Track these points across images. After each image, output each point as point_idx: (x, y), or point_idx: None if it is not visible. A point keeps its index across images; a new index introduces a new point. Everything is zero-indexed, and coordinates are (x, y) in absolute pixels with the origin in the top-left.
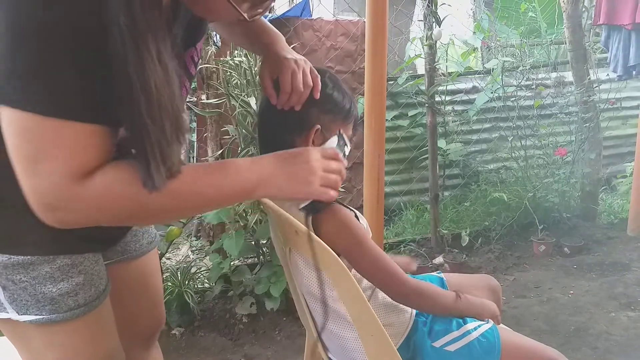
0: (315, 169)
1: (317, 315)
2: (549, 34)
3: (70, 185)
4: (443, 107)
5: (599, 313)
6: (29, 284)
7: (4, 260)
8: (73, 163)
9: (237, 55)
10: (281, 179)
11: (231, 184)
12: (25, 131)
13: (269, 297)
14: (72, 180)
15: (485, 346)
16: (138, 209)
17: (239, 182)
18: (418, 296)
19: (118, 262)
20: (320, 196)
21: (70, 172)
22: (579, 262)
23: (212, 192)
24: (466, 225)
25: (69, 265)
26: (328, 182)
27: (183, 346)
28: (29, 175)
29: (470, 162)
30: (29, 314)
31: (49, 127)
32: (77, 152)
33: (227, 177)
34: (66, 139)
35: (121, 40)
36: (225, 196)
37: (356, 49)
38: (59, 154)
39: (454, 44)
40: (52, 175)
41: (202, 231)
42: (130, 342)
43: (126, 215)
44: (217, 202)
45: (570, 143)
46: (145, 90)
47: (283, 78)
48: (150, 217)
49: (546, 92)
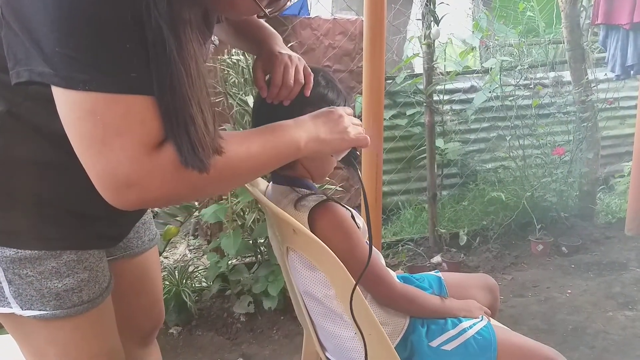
0: (347, 121)
1: (314, 314)
2: (547, 34)
3: (145, 156)
4: (441, 106)
5: (596, 312)
6: (35, 279)
7: (11, 254)
8: (144, 134)
9: (234, 54)
10: (324, 133)
11: (283, 142)
12: (90, 112)
13: (266, 296)
14: (147, 150)
15: (482, 343)
16: (205, 179)
17: (289, 138)
18: (405, 300)
19: (120, 258)
20: (359, 142)
21: (143, 143)
22: (576, 262)
23: (265, 153)
24: (464, 224)
25: (75, 261)
26: (359, 131)
27: (180, 345)
28: (99, 157)
29: (468, 161)
30: (33, 309)
31: (112, 102)
32: (146, 123)
33: (276, 136)
34: (133, 112)
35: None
36: (277, 154)
37: (354, 47)
38: (127, 128)
39: (452, 43)
40: (126, 150)
41: (200, 230)
42: (129, 339)
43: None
44: (270, 162)
45: (568, 142)
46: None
47: (274, 71)
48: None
49: (544, 92)
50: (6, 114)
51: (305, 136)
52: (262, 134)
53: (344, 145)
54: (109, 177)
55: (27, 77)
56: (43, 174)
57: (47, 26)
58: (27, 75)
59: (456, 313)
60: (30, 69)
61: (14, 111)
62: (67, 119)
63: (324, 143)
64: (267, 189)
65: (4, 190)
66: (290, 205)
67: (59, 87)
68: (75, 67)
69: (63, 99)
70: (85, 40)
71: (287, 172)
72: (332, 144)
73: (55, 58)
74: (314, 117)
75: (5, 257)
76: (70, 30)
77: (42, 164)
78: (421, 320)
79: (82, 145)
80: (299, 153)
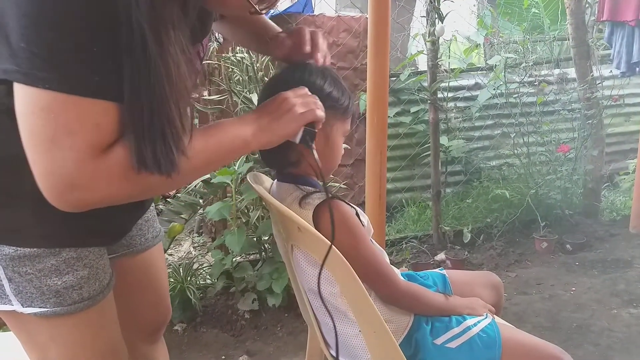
0: (293, 101)
1: (318, 311)
2: (552, 31)
3: (91, 159)
4: (445, 103)
5: (601, 310)
6: (34, 276)
7: (10, 252)
8: (93, 137)
9: (239, 52)
10: (268, 121)
11: (226, 139)
12: (44, 109)
13: (270, 293)
14: (93, 153)
15: (486, 341)
16: (155, 183)
17: (232, 136)
18: (409, 298)
19: (123, 255)
20: (307, 117)
21: (91, 146)
22: (581, 259)
23: (209, 152)
24: (468, 222)
25: (75, 258)
26: (308, 104)
27: (185, 342)
28: (46, 155)
29: (473, 158)
30: (33, 306)
31: (69, 103)
32: (97, 127)
33: (219, 135)
34: (86, 115)
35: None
36: (223, 152)
37: (358, 45)
38: (79, 129)
39: (457, 40)
40: (73, 151)
41: (204, 227)
42: (135, 336)
43: (139, 186)
44: (217, 161)
45: (572, 140)
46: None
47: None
48: (164, 189)
49: (549, 89)
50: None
51: (250, 130)
52: (205, 134)
53: (293, 125)
54: (53, 177)
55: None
56: None
57: (16, 21)
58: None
59: (460, 311)
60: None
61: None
62: (21, 114)
63: (272, 131)
64: (272, 186)
65: (3, 188)
66: (295, 203)
67: (19, 83)
68: (37, 64)
69: (21, 94)
70: (51, 38)
71: (291, 169)
72: (280, 130)
73: (19, 54)
74: (258, 108)
75: (5, 255)
76: (38, 27)
77: None
78: (425, 317)
79: (31, 141)
80: (248, 147)
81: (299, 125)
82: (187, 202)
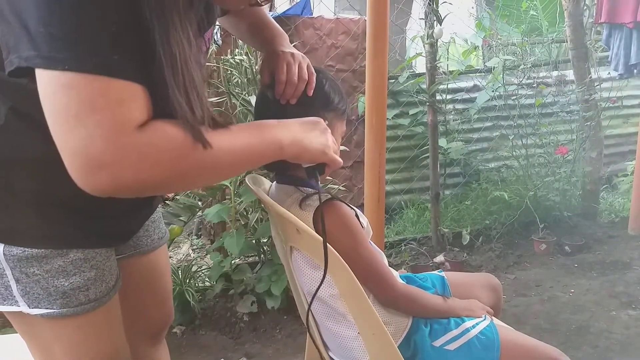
0: (329, 137)
1: (317, 313)
2: (550, 33)
3: (120, 135)
4: (444, 105)
5: (599, 312)
6: (42, 277)
7: (18, 253)
8: (119, 113)
9: (237, 54)
10: (308, 140)
11: (267, 139)
12: (66, 86)
13: (269, 295)
14: (120, 130)
15: (485, 343)
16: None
17: (273, 137)
18: (407, 301)
19: (130, 256)
20: (335, 162)
21: (117, 123)
22: (579, 261)
23: (249, 149)
24: (467, 223)
25: (82, 259)
26: (336, 151)
27: (184, 345)
28: (72, 134)
29: (471, 160)
30: (40, 307)
31: (91, 81)
32: (121, 103)
33: (261, 134)
34: (109, 92)
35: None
36: (260, 152)
37: (357, 47)
38: (103, 106)
39: (455, 42)
40: (101, 127)
41: (203, 230)
42: (139, 337)
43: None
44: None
45: (571, 142)
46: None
47: (278, 68)
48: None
49: (547, 91)
50: (10, 112)
51: (290, 138)
52: (247, 130)
53: (323, 158)
54: (81, 157)
55: (17, 64)
56: (49, 172)
57: (35, 6)
58: (16, 61)
59: (459, 313)
60: (19, 55)
61: (18, 108)
62: (45, 97)
63: (306, 150)
64: (271, 188)
65: (10, 189)
66: (295, 205)
67: (40, 68)
68: (57, 45)
69: (44, 78)
70: (70, 19)
71: (295, 171)
72: (312, 153)
73: (38, 38)
74: (302, 122)
75: (13, 255)
76: (55, 8)
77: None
78: (424, 319)
79: (56, 121)
80: (281, 154)
81: (326, 161)
82: (186, 205)
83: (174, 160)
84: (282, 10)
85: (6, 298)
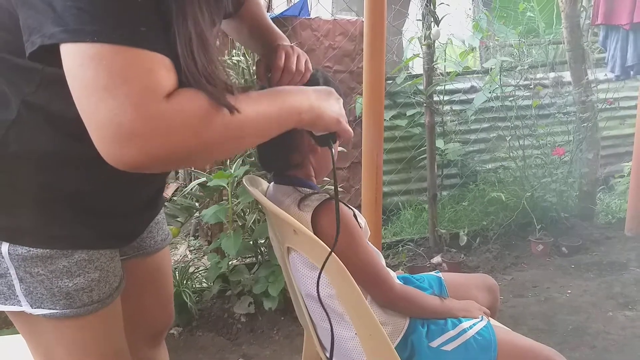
0: (342, 106)
1: (315, 314)
2: (547, 34)
3: (150, 104)
4: (441, 106)
5: (596, 312)
6: (46, 278)
7: (23, 252)
8: (148, 83)
9: (235, 55)
10: (324, 108)
11: (289, 104)
12: (94, 59)
13: (267, 296)
14: (152, 99)
15: (482, 343)
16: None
17: (294, 102)
18: (404, 301)
19: (133, 257)
20: (347, 131)
21: (150, 90)
22: (576, 262)
23: (272, 113)
24: (464, 224)
25: (86, 260)
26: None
27: (181, 346)
28: (102, 105)
29: (469, 161)
30: (43, 307)
31: (120, 52)
32: (150, 72)
33: (283, 99)
34: (138, 62)
35: None
36: (281, 117)
37: (354, 48)
38: (133, 76)
39: (452, 43)
40: (131, 97)
41: (200, 231)
42: (138, 339)
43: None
44: (273, 126)
45: (568, 143)
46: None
47: (276, 57)
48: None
49: (544, 92)
50: (22, 105)
51: (307, 105)
52: (266, 97)
53: (337, 126)
54: (111, 127)
55: (40, 42)
56: (58, 167)
57: None
58: (39, 40)
59: (456, 313)
60: (42, 34)
61: (29, 100)
62: (70, 71)
63: (321, 118)
64: (269, 189)
65: (17, 187)
66: (293, 205)
67: (67, 42)
68: (85, 19)
69: (71, 52)
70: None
71: (294, 171)
72: (327, 121)
73: (65, 13)
74: (317, 90)
75: (18, 255)
76: None
77: (57, 156)
78: (421, 320)
79: (83, 94)
80: (299, 120)
81: (339, 130)
82: (183, 206)
83: (201, 125)
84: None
85: (9, 297)
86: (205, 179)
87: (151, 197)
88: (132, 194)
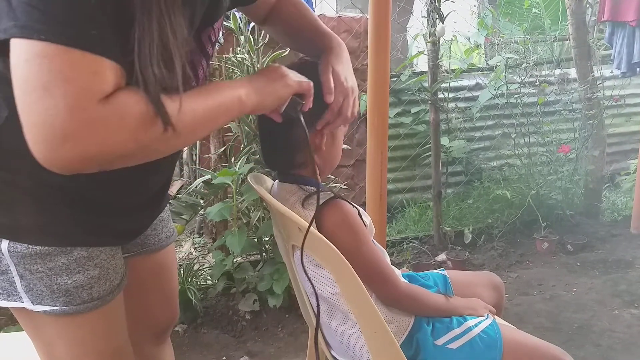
0: (286, 70)
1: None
2: (552, 31)
3: (85, 107)
4: (446, 104)
5: (602, 310)
6: (45, 275)
7: (22, 249)
8: (89, 85)
9: (239, 52)
10: (263, 82)
11: (225, 97)
12: (39, 56)
13: (271, 294)
14: (88, 101)
15: (487, 342)
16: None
17: (229, 94)
18: (409, 300)
19: (137, 255)
20: (302, 86)
21: (86, 94)
22: (582, 260)
23: (210, 112)
24: (469, 222)
25: (85, 257)
26: (300, 77)
27: (186, 343)
28: (37, 104)
29: (473, 159)
30: (43, 304)
31: (66, 53)
32: (94, 75)
33: (218, 94)
34: (82, 64)
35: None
36: (222, 111)
37: (359, 45)
38: (74, 77)
39: (457, 40)
40: (66, 98)
41: (205, 228)
42: (142, 337)
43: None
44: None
45: (573, 140)
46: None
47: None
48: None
49: (550, 89)
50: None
51: (244, 90)
52: (207, 92)
53: (286, 90)
54: (44, 128)
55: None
56: None
57: None
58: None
59: (461, 311)
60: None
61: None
62: (16, 65)
63: (265, 93)
64: (273, 187)
65: (16, 184)
66: (297, 203)
67: (15, 37)
68: (35, 16)
69: (17, 47)
70: None
71: (298, 170)
72: (273, 93)
73: (18, 9)
74: (252, 74)
75: (17, 252)
76: None
77: None
78: (426, 318)
79: (24, 90)
80: (242, 106)
81: (291, 91)
82: (188, 203)
83: (140, 130)
84: None
85: (11, 294)
86: (210, 177)
87: (155, 194)
88: (133, 191)
